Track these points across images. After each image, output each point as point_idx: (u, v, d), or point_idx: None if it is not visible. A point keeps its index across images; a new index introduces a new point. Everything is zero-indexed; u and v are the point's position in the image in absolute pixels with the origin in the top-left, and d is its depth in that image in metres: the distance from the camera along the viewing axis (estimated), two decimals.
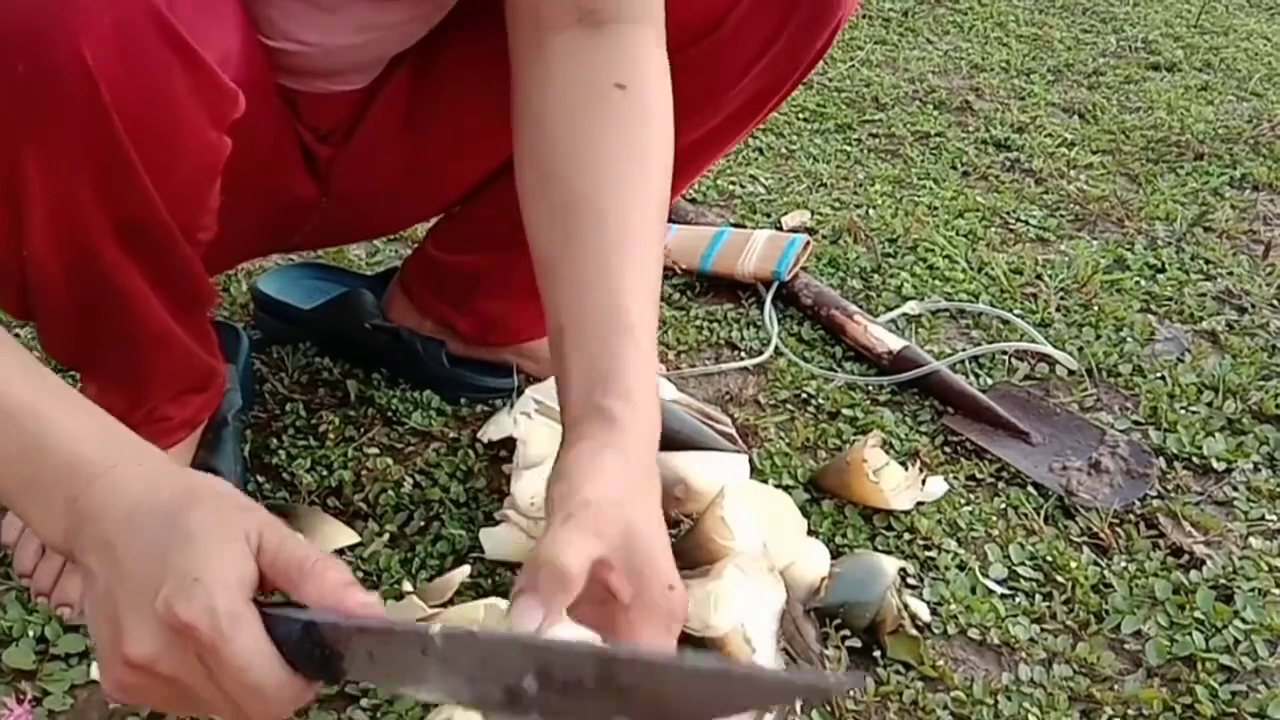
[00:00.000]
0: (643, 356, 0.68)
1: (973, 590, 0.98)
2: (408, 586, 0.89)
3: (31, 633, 0.86)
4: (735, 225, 1.59)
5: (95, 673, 0.83)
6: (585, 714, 0.52)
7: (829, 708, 0.85)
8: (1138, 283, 1.50)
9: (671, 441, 1.07)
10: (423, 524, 1.00)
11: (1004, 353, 1.32)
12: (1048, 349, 1.31)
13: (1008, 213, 1.68)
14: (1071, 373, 1.30)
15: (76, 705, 0.82)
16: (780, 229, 1.60)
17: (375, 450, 1.08)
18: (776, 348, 1.30)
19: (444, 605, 0.88)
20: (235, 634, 0.53)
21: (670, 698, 0.50)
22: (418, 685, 0.56)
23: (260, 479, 1.04)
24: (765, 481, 1.07)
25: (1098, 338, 1.37)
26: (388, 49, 0.91)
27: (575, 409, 0.67)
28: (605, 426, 0.64)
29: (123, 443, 0.60)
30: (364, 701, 0.83)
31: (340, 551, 0.95)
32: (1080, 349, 1.34)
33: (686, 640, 0.88)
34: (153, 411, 0.91)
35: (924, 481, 1.08)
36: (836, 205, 1.68)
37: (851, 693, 0.86)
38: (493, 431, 1.09)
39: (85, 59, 0.64)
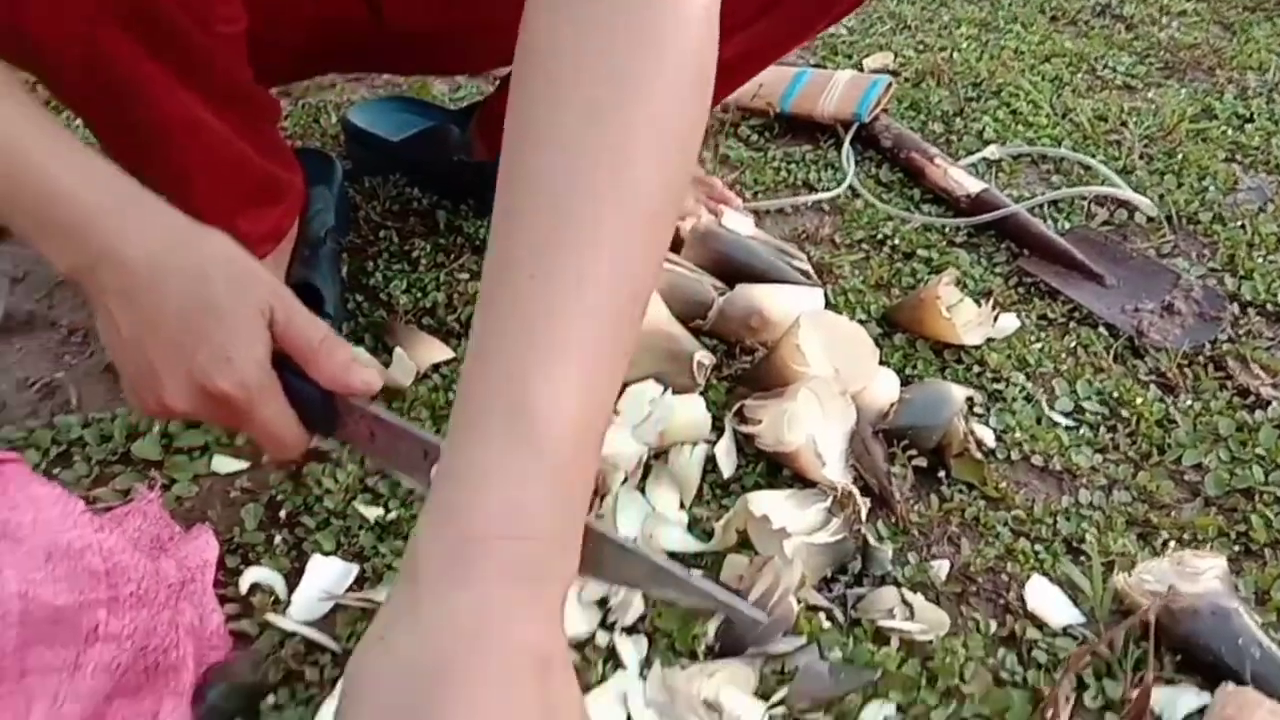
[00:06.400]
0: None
1: (1038, 421, 1.01)
2: None
3: (156, 427, 0.93)
4: (816, 66, 1.59)
5: (216, 464, 0.90)
6: None
7: (894, 519, 0.89)
8: (1224, 132, 1.48)
9: (748, 274, 1.10)
10: None
11: (1083, 198, 1.32)
12: (1128, 194, 1.31)
13: (1096, 59, 1.65)
14: (1150, 219, 1.30)
15: (201, 493, 0.89)
16: (862, 71, 1.59)
17: (465, 275, 1.13)
18: (852, 187, 1.31)
19: None
20: (264, 403, 0.63)
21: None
22: (408, 474, 0.62)
23: (359, 298, 1.09)
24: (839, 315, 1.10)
25: (1179, 185, 1.36)
26: None
27: None
28: None
29: (134, 190, 0.63)
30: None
31: (436, 366, 1.01)
32: (1161, 196, 1.33)
33: (761, 456, 0.93)
34: (225, 226, 0.92)
35: (996, 318, 1.10)
36: (920, 48, 1.66)
37: (916, 506, 0.91)
38: None
39: None
